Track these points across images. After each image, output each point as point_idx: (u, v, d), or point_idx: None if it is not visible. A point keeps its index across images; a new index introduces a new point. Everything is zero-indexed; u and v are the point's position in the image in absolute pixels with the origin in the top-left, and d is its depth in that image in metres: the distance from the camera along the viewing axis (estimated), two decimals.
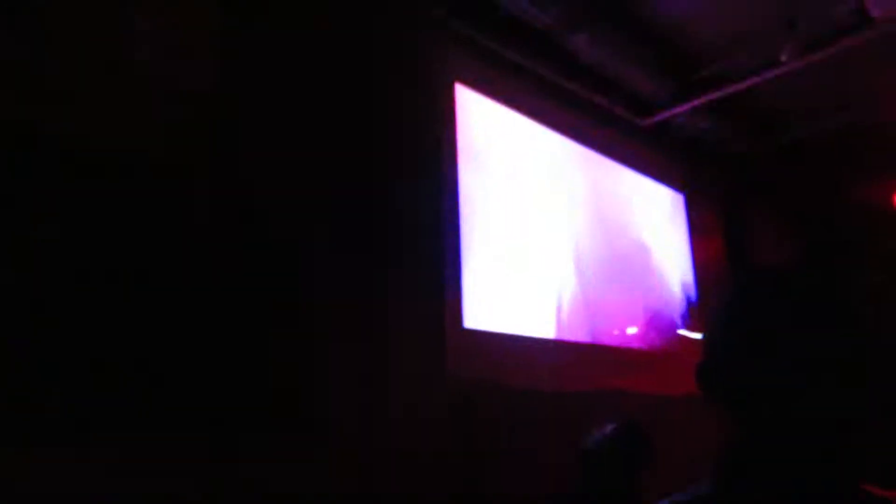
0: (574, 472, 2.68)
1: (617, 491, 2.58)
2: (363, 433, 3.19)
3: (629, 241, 5.77)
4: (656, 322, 5.84)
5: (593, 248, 5.28)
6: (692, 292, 6.47)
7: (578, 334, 4.95)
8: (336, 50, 3.57)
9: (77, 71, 2.58)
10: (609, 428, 2.68)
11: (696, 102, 5.64)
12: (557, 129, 5.23)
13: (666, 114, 5.81)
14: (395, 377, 3.42)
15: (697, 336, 5.87)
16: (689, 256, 6.60)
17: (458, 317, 4.02)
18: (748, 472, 0.98)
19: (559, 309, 4.80)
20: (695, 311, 6.36)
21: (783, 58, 4.93)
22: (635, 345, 5.51)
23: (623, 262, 5.61)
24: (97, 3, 2.70)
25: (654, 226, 6.17)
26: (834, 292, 1.00)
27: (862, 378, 0.94)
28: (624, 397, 4.63)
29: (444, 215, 4.04)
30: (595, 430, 2.69)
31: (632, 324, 5.52)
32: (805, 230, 7.99)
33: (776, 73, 5.13)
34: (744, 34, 5.10)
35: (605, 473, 2.60)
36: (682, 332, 6.11)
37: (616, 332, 5.32)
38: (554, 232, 4.94)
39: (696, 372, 1.05)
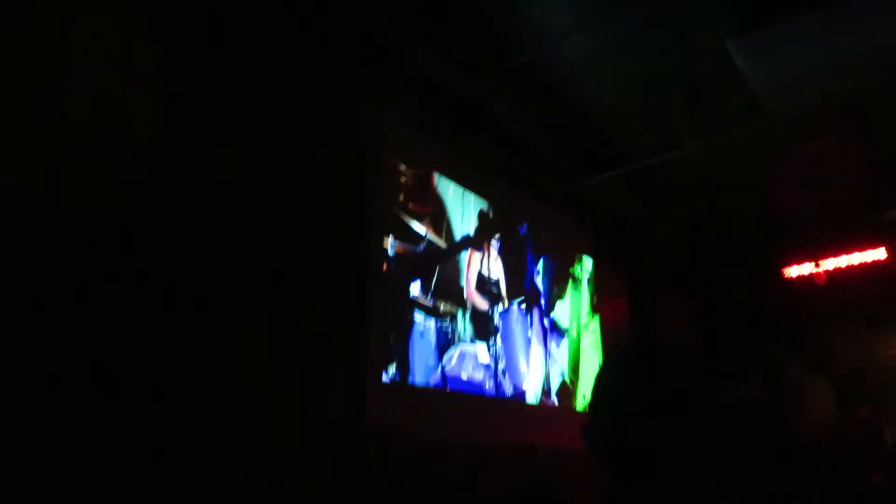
0: None
1: None
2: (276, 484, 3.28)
3: (542, 298, 6.03)
4: (563, 378, 6.10)
5: (509, 304, 5.51)
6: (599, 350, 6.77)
7: (500, 388, 5.13)
8: (267, 115, 3.74)
9: (19, 124, 2.65)
10: (521, 481, 2.76)
11: (606, 174, 6.02)
12: (479, 192, 5.48)
13: (577, 183, 6.17)
14: (311, 429, 3.54)
15: None
16: (596, 316, 6.92)
17: (377, 370, 4.15)
18: None
19: (473, 365, 4.97)
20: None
21: (684, 139, 5.34)
22: (546, 400, 5.72)
23: (536, 318, 5.86)
24: (39, 56, 2.78)
25: (566, 285, 6.47)
26: (666, 368, 1.16)
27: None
28: (535, 451, 4.79)
29: (367, 275, 4.21)
30: (508, 484, 2.76)
31: (542, 380, 5.73)
32: (696, 297, 8.51)
33: (676, 154, 5.53)
34: (649, 116, 5.52)
35: None
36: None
37: (528, 388, 5.52)
38: (471, 288, 5.14)
39: (581, 431, 1.19)
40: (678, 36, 4.65)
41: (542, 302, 6.04)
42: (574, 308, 6.55)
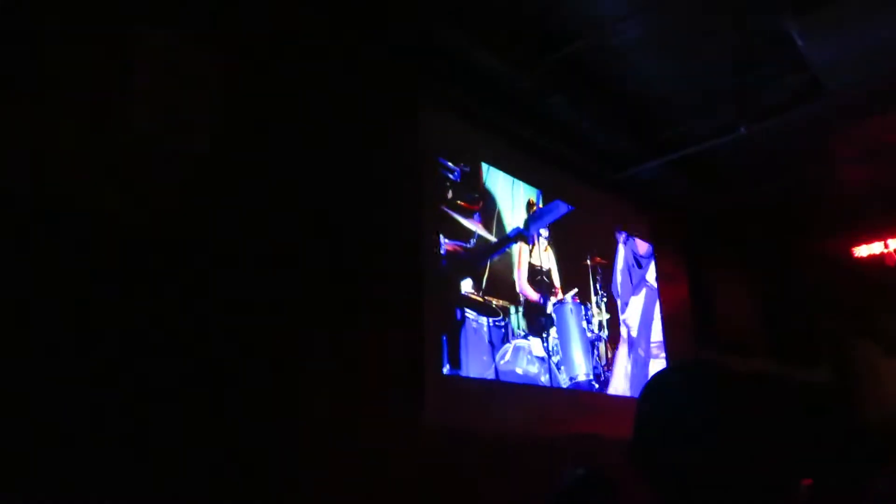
0: None
1: None
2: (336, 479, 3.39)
3: (603, 287, 6.03)
4: (628, 368, 6.09)
5: (563, 296, 5.53)
6: (661, 339, 6.73)
7: (554, 379, 5.17)
8: (323, 120, 3.84)
9: (77, 136, 2.77)
10: (575, 474, 2.78)
11: (661, 160, 5.97)
12: (534, 183, 5.51)
13: (634, 169, 6.14)
14: (369, 423, 3.63)
15: None
16: (658, 305, 6.87)
17: (437, 363, 4.23)
18: None
19: (528, 359, 5.02)
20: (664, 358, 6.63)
21: (741, 123, 5.26)
22: (607, 390, 5.74)
23: (597, 309, 5.87)
24: (95, 67, 2.89)
25: (624, 274, 6.45)
26: (721, 392, 1.18)
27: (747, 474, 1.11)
28: (596, 441, 4.81)
29: (420, 274, 4.29)
30: (562, 477, 2.78)
31: (604, 370, 5.75)
32: (763, 284, 8.33)
33: (734, 137, 5.45)
34: (706, 99, 5.45)
35: None
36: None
37: (583, 379, 5.54)
38: (523, 281, 5.18)
39: (628, 448, 1.21)
40: (736, 19, 4.58)
41: (595, 290, 6.04)
42: (636, 295, 6.53)
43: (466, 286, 4.64)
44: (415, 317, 4.14)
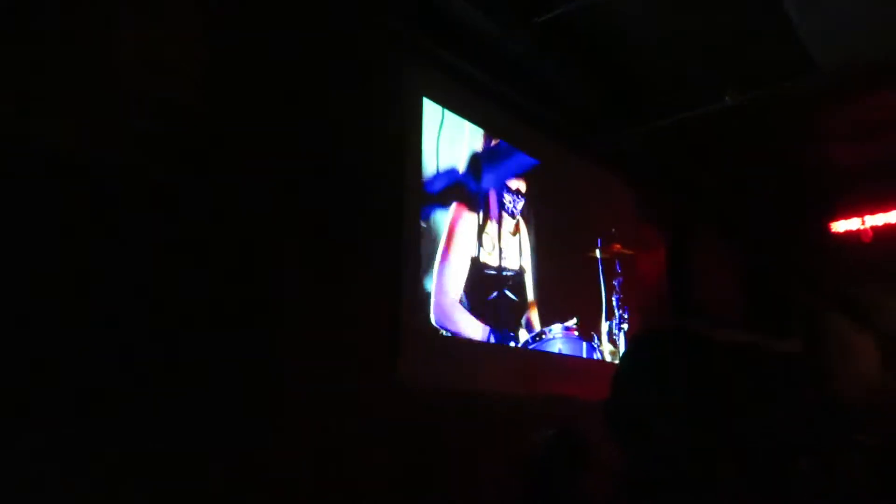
0: (515, 473, 2.82)
1: (554, 494, 2.67)
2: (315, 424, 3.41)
3: (581, 252, 6.03)
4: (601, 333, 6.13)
5: (548, 257, 5.53)
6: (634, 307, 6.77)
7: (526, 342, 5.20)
8: (312, 66, 3.78)
9: (63, 82, 2.71)
10: (550, 434, 2.80)
11: (647, 128, 5.96)
12: (519, 144, 5.47)
13: (619, 136, 6.11)
14: (343, 378, 3.64)
15: None
16: (634, 272, 6.90)
17: (421, 317, 4.25)
18: (634, 499, 1.17)
19: (511, 315, 5.03)
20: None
21: (727, 96, 5.25)
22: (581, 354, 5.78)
23: (574, 271, 5.87)
24: (85, 15, 2.81)
25: (604, 240, 6.46)
26: (699, 353, 1.20)
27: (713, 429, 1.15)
28: (570, 404, 4.87)
29: (407, 222, 4.27)
30: (537, 436, 2.81)
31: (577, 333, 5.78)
32: (742, 256, 8.42)
33: (719, 107, 5.45)
34: (694, 68, 5.42)
35: (546, 478, 2.71)
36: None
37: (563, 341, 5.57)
38: (511, 242, 5.17)
39: (602, 407, 1.24)
40: None
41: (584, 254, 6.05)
42: (613, 261, 6.54)
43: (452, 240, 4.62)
44: (394, 271, 4.13)
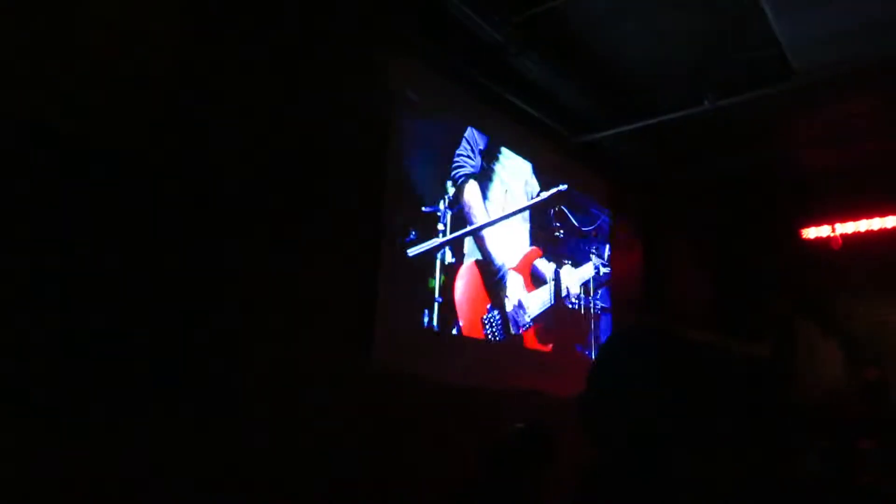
0: (480, 466, 2.83)
1: (518, 488, 2.70)
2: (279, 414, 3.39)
3: (555, 247, 6.06)
4: (573, 328, 6.17)
5: (522, 251, 5.55)
6: (608, 303, 6.82)
7: (497, 334, 5.21)
8: (292, 51, 3.74)
9: (42, 60, 2.66)
10: (514, 427, 2.82)
11: (625, 128, 5.98)
12: (498, 138, 5.48)
13: (597, 135, 6.14)
14: (318, 366, 3.63)
15: None
16: (609, 269, 6.95)
17: (386, 310, 4.22)
18: (599, 491, 1.19)
19: (483, 308, 5.04)
20: (609, 321, 6.73)
21: (706, 98, 5.28)
22: (550, 348, 5.81)
23: (547, 269, 5.90)
24: None
25: (579, 236, 6.49)
26: (671, 352, 1.23)
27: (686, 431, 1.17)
28: (534, 397, 4.89)
29: (384, 212, 4.26)
30: (502, 429, 2.83)
31: (549, 328, 5.81)
32: (715, 259, 8.50)
33: (699, 110, 5.48)
34: (674, 70, 5.45)
35: (508, 471, 2.72)
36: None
37: (533, 335, 5.59)
38: (489, 233, 5.18)
39: (576, 402, 1.26)
40: None
41: (553, 247, 6.08)
42: (588, 258, 6.58)
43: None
44: (369, 258, 4.13)
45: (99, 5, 2.89)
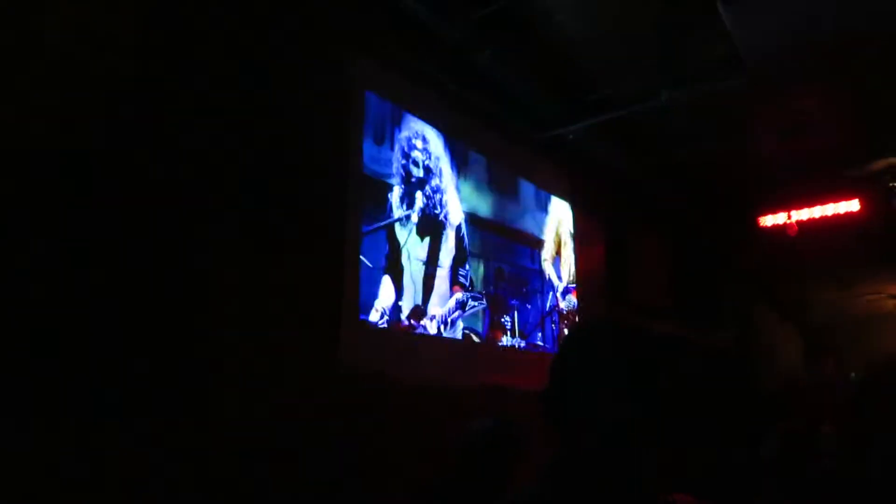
0: (450, 463, 2.84)
1: (488, 484, 2.68)
2: (248, 415, 3.37)
3: (520, 244, 6.11)
4: (539, 324, 6.22)
5: (485, 250, 5.58)
6: (573, 297, 6.89)
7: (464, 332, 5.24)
8: (252, 54, 3.72)
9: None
10: (484, 423, 2.83)
11: (585, 122, 6.05)
12: (459, 136, 5.49)
13: (558, 131, 6.19)
14: (287, 365, 3.61)
15: None
16: (573, 263, 7.02)
17: (354, 310, 4.22)
18: (567, 480, 1.20)
19: (449, 306, 5.06)
20: (575, 315, 6.80)
21: (663, 92, 5.37)
22: (518, 344, 5.86)
23: (513, 265, 5.94)
24: None
25: (543, 232, 6.55)
26: (630, 349, 1.26)
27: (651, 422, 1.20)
28: (504, 393, 4.92)
29: (347, 213, 4.25)
30: (471, 425, 2.83)
31: (516, 324, 5.85)
32: (674, 249, 8.63)
33: (656, 103, 5.56)
34: (630, 64, 5.53)
35: (479, 467, 2.72)
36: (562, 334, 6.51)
37: (501, 332, 5.64)
38: (450, 233, 5.20)
39: (539, 396, 1.28)
40: None
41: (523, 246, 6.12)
42: (552, 253, 6.65)
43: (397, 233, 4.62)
44: (337, 257, 4.12)
45: (64, 6, 2.85)
